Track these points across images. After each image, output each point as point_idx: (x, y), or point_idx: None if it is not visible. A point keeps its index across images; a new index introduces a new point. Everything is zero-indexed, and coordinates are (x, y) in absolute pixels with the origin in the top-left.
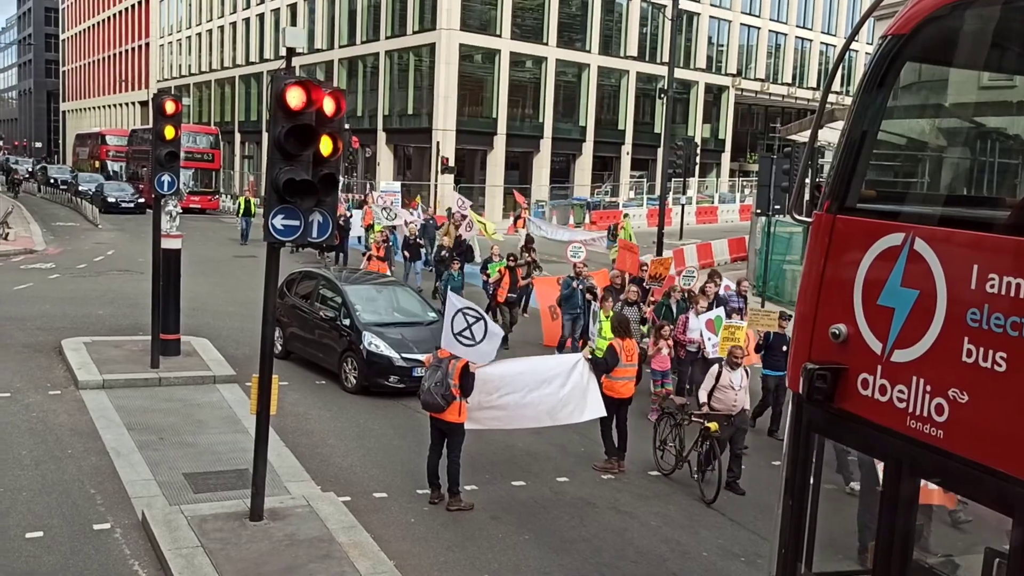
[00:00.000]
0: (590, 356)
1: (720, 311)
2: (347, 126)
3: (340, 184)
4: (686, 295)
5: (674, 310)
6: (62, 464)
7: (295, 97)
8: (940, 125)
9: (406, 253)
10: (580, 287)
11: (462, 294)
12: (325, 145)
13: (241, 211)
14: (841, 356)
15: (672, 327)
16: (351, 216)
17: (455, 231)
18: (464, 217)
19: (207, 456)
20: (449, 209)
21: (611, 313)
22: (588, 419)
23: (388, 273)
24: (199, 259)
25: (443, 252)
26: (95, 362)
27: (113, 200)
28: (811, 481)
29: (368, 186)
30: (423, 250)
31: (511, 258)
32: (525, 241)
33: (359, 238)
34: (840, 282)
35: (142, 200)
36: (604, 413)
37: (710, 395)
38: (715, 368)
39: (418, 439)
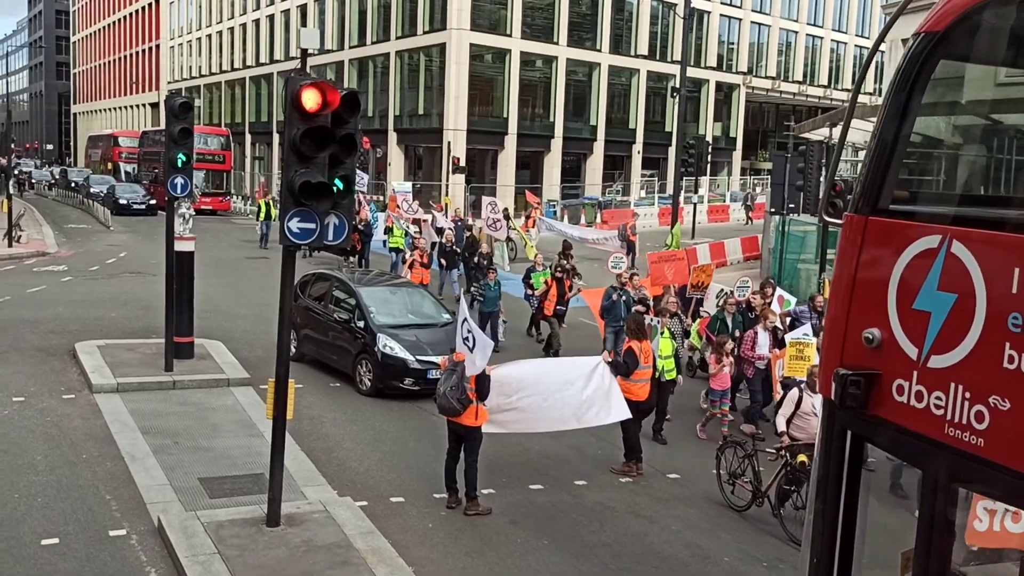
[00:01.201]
0: (610, 360)
1: (807, 330)
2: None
3: (366, 186)
4: (742, 307)
5: (729, 324)
6: (77, 469)
7: (310, 99)
8: (976, 124)
9: (443, 261)
10: (623, 298)
11: (499, 305)
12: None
13: (262, 215)
14: (875, 361)
15: (735, 343)
16: (373, 221)
17: (484, 236)
18: (507, 218)
19: (222, 461)
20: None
21: (668, 328)
22: (614, 421)
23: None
24: (211, 261)
25: (476, 259)
26: (109, 365)
27: (125, 202)
28: (843, 490)
29: (391, 188)
30: (459, 258)
31: (558, 268)
32: (563, 247)
33: (384, 242)
34: (873, 285)
35: (153, 202)
36: (629, 415)
37: (789, 423)
38: (794, 392)
39: (434, 442)
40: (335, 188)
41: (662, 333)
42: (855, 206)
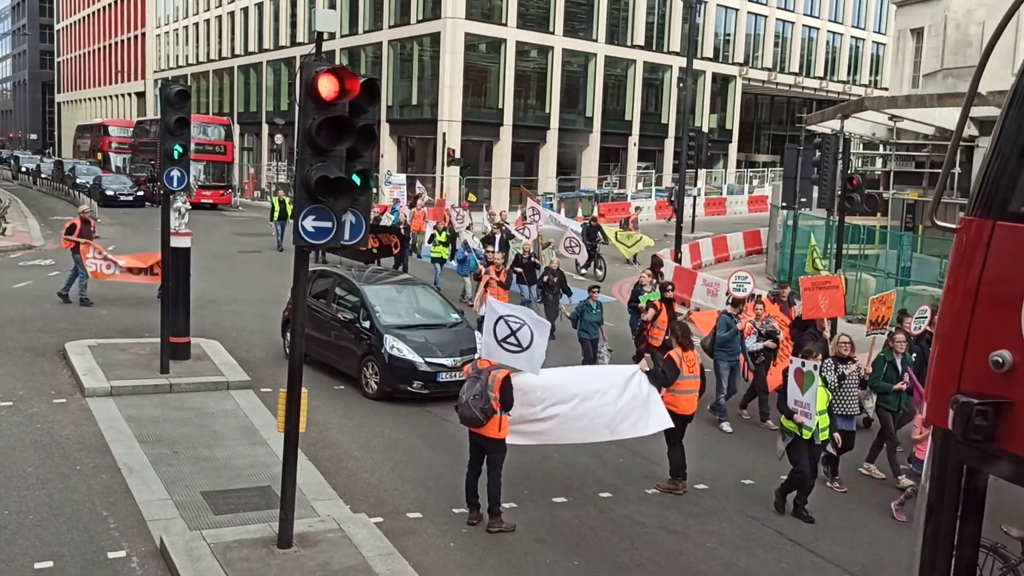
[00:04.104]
0: (647, 368)
1: None
2: None
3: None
4: (916, 341)
5: (899, 366)
6: (70, 482)
7: (327, 86)
8: None
9: (517, 270)
10: (738, 327)
11: (600, 331)
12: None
13: (276, 214)
14: (1005, 389)
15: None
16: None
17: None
18: (596, 227)
19: (226, 472)
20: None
21: (823, 376)
22: (654, 432)
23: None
24: (203, 254)
25: (547, 276)
26: (101, 367)
27: (112, 193)
28: (957, 533)
29: (417, 185)
30: (537, 271)
31: (669, 287)
32: (652, 264)
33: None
34: (1002, 301)
35: (141, 193)
36: (671, 424)
37: None
38: None
39: (448, 450)
40: (353, 183)
41: (823, 383)
42: (976, 208)
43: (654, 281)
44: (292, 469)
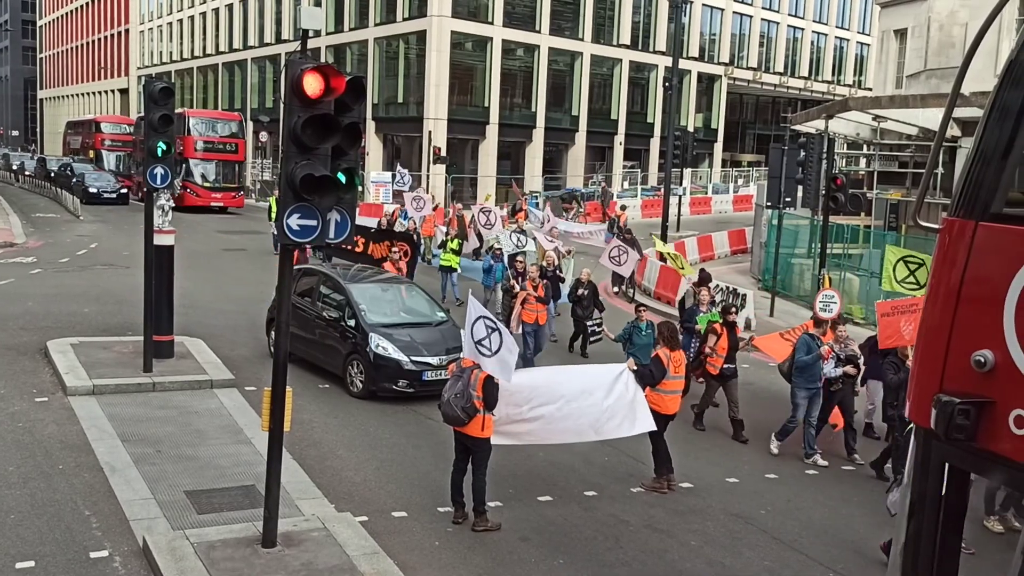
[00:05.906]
0: (635, 367)
1: None
2: None
3: (408, 184)
4: None
5: None
6: (52, 481)
7: (313, 84)
8: None
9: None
10: (821, 349)
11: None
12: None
13: (274, 215)
14: (986, 388)
15: None
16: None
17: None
18: (630, 238)
19: (209, 471)
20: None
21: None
22: (638, 433)
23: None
24: (187, 252)
25: (579, 290)
26: (84, 365)
27: (95, 191)
28: (939, 532)
29: (427, 183)
30: (562, 285)
31: (732, 309)
32: (699, 280)
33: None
34: (983, 300)
35: (124, 191)
36: (654, 427)
37: None
38: None
39: (433, 449)
40: (338, 182)
41: None
42: (959, 208)
43: (712, 299)
44: (276, 468)
